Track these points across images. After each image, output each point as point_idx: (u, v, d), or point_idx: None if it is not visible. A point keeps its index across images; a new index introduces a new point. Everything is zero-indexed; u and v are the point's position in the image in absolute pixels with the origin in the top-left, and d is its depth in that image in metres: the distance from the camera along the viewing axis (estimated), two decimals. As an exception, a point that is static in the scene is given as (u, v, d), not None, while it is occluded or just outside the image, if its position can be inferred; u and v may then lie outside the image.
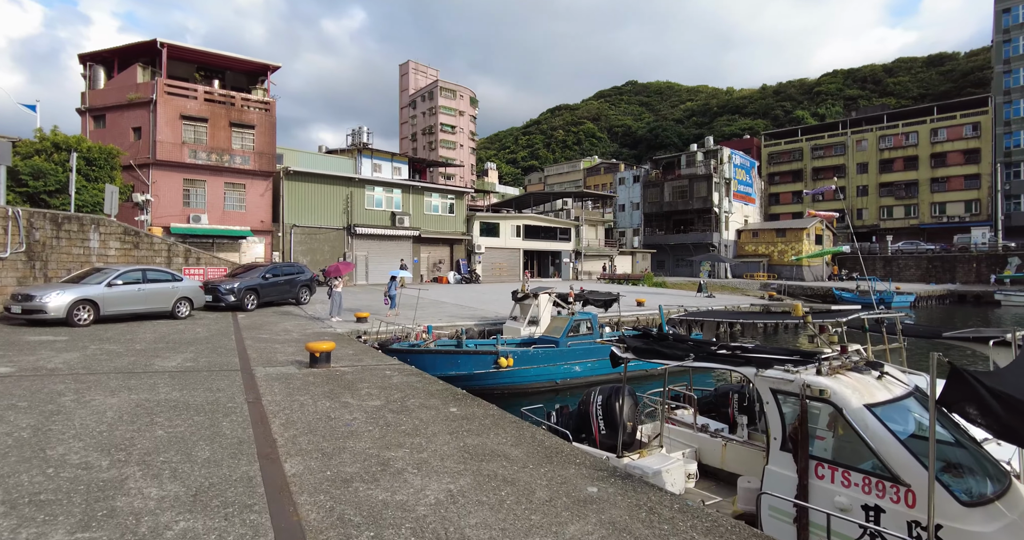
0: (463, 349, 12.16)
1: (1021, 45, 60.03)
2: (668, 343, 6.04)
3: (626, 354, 6.18)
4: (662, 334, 6.77)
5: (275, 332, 13.26)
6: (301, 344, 11.37)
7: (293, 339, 12.16)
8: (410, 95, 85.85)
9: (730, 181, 56.82)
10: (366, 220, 33.60)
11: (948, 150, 63.08)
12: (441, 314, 19.17)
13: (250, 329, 13.61)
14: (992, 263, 49.97)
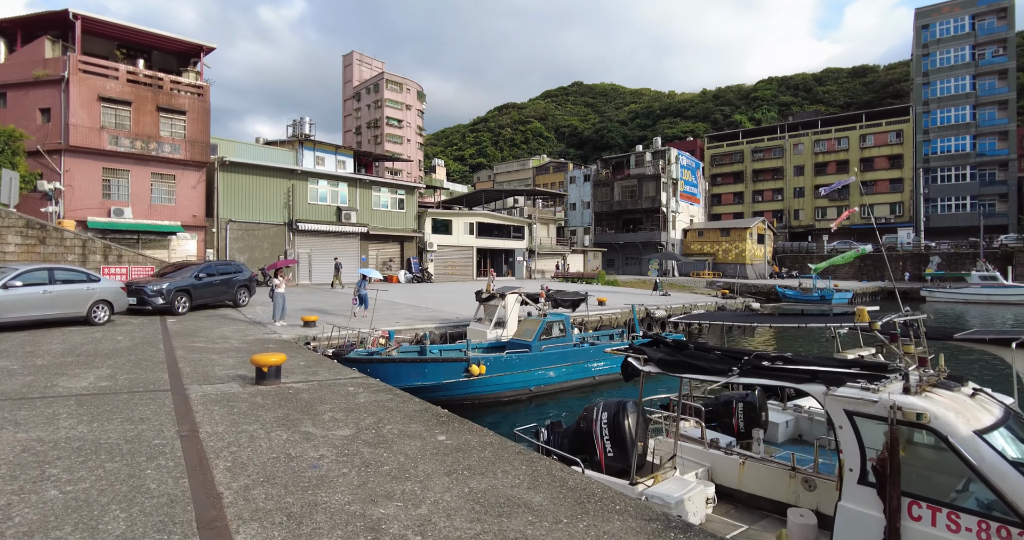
0: (429, 356, 11.02)
1: (938, 59, 64.15)
2: (703, 355, 5.19)
3: (647, 367, 5.28)
4: (681, 342, 5.94)
5: (211, 339, 11.64)
6: (243, 354, 9.90)
7: (233, 348, 10.64)
8: (354, 87, 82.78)
9: (677, 181, 57.79)
10: (309, 215, 31.55)
11: (875, 155, 66.80)
12: (397, 316, 17.84)
13: (182, 336, 11.92)
14: (917, 262, 53.18)
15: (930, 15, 65.03)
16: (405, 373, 10.57)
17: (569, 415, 11.43)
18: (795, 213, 72.55)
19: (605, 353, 13.63)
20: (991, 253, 49.89)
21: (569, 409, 11.80)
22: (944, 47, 63.72)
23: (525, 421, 10.81)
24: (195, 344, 10.89)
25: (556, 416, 11.24)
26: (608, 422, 6.18)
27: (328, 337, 13.54)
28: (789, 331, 22.73)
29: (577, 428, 6.72)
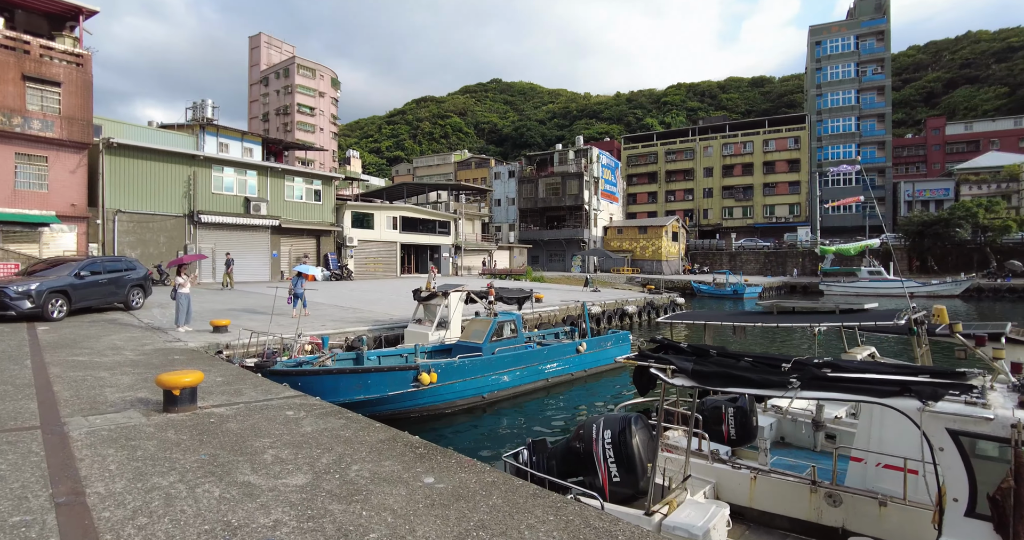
0: (373, 366, 9.65)
1: (829, 73, 69.86)
2: (740, 364, 4.43)
3: (678, 379, 4.43)
4: (699, 348, 5.16)
5: (98, 351, 9.57)
6: (142, 369, 8.07)
7: (128, 361, 8.72)
8: (262, 71, 77.05)
9: (598, 180, 58.74)
10: (214, 206, 28.41)
11: (776, 159, 71.66)
12: (321, 318, 16.10)
13: (59, 348, 9.72)
14: (814, 258, 57.53)
15: (822, 33, 70.65)
16: (344, 386, 9.15)
17: (527, 422, 10.53)
18: (704, 212, 76.40)
19: (557, 354, 12.88)
20: (875, 250, 55.04)
21: (527, 416, 10.91)
22: (834, 63, 69.48)
23: (481, 432, 9.79)
24: (76, 358, 8.83)
25: (513, 424, 10.31)
26: (613, 442, 5.31)
27: (244, 345, 11.72)
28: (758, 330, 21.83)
29: (570, 448, 5.80)
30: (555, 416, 11.01)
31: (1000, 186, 60.26)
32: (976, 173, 63.77)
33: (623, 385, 13.54)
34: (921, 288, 44.02)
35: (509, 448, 9.02)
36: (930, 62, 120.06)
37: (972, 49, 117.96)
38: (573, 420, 10.78)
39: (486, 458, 8.53)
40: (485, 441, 9.45)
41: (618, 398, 12.27)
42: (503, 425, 10.28)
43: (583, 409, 11.43)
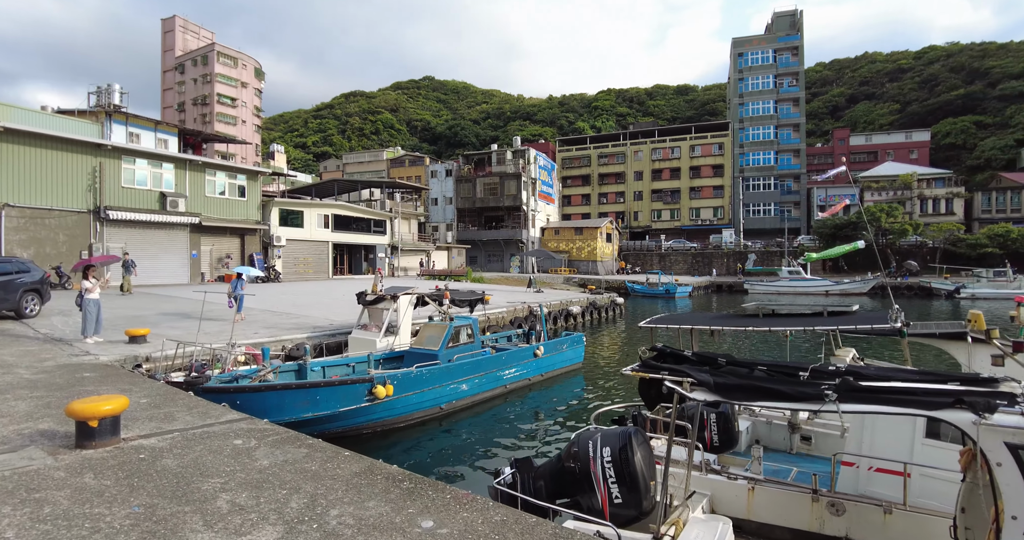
0: (323, 380, 8.69)
1: (750, 84, 73.91)
2: (767, 375, 4.07)
3: (698, 393, 4.02)
4: (705, 356, 4.80)
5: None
6: (43, 392, 6.80)
7: (23, 382, 7.35)
8: (177, 57, 71.55)
9: (536, 181, 58.93)
10: (124, 201, 25.78)
11: (702, 164, 74.89)
12: (254, 324, 14.75)
13: (-72, 367, 8.11)
14: (738, 259, 60.55)
15: (744, 45, 74.64)
16: (290, 403, 8.17)
17: (488, 432, 9.94)
18: (635, 214, 78.67)
19: (515, 359, 12.37)
20: (793, 251, 58.73)
21: (486, 426, 10.32)
22: (754, 74, 73.56)
23: (442, 447, 9.11)
24: (-46, 379, 7.36)
25: (474, 436, 9.70)
26: (613, 459, 4.85)
27: (168, 357, 10.39)
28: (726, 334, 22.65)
29: (562, 468, 5.28)
30: (517, 424, 10.51)
31: (896, 193, 65.93)
32: (877, 181, 69.46)
33: (580, 388, 13.27)
34: (835, 286, 47.23)
35: (475, 463, 8.42)
36: (835, 78, 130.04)
37: (869, 68, 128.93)
38: (537, 428, 10.32)
39: (455, 478, 7.87)
40: (449, 457, 8.79)
41: (578, 402, 11.96)
42: (464, 438, 9.65)
43: (544, 415, 11.00)
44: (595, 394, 12.80)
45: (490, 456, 8.74)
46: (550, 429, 10.21)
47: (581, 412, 11.36)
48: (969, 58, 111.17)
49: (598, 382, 13.99)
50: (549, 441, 9.51)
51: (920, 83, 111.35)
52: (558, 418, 10.95)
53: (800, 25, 73.83)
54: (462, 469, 8.27)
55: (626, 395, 12.42)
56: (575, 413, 11.19)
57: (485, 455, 8.76)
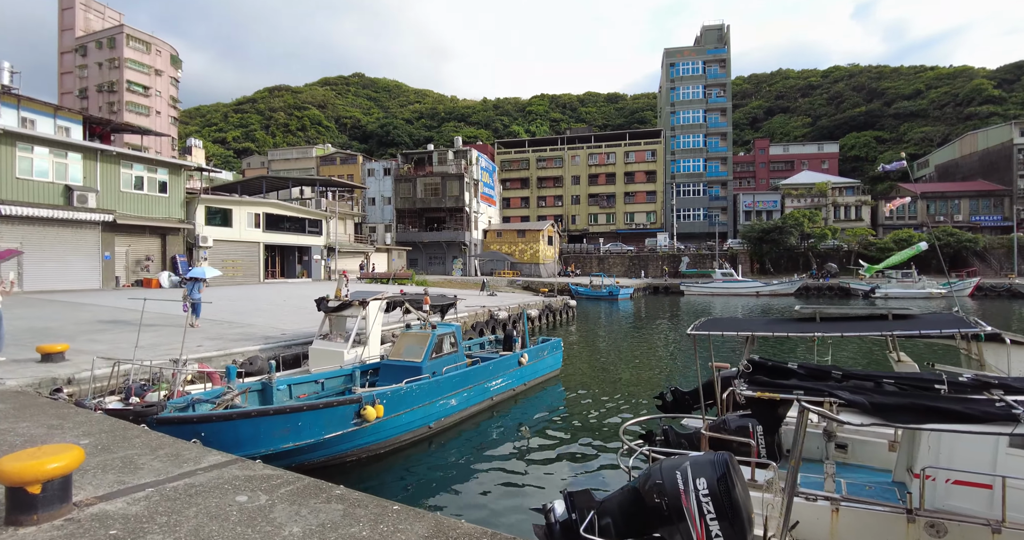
0: (307, 403, 7.33)
1: (681, 93, 76.71)
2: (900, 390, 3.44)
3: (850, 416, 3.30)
4: (815, 368, 4.13)
5: None
6: (-61, 434, 5.17)
7: (-94, 420, 5.62)
8: (78, 38, 64.72)
9: (478, 182, 58.02)
10: (19, 195, 22.46)
11: (636, 170, 76.85)
12: (195, 335, 12.91)
13: None
14: (672, 261, 62.42)
15: (675, 56, 77.35)
16: (267, 432, 6.79)
17: (481, 451, 8.93)
18: (572, 218, 79.53)
19: (501, 368, 11.41)
20: (723, 254, 61.33)
21: (477, 444, 9.31)
22: (685, 84, 76.41)
23: (440, 475, 8.03)
24: None
25: (468, 457, 8.67)
26: (711, 492, 4.08)
27: (97, 378, 8.64)
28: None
29: (637, 502, 4.46)
30: (512, 442, 9.58)
31: (813, 200, 70.46)
32: (796, 188, 73.95)
33: (564, 397, 12.53)
34: (765, 287, 49.54)
35: (484, 491, 7.44)
36: (753, 91, 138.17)
37: (783, 84, 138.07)
38: (531, 444, 9.43)
39: (471, 511, 6.83)
40: (450, 485, 7.70)
41: (570, 414, 11.19)
42: (460, 460, 8.61)
43: (539, 430, 10.13)
44: (583, 404, 12.11)
45: (498, 482, 7.78)
46: (551, 446, 9.38)
47: (577, 424, 10.61)
48: (868, 78, 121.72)
49: (578, 390, 13.31)
50: (555, 460, 8.67)
51: (828, 99, 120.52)
52: (556, 432, 10.14)
53: (727, 38, 77.51)
54: (473, 500, 7.26)
55: (616, 404, 11.83)
56: (571, 426, 10.42)
57: (492, 481, 7.79)
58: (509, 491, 7.51)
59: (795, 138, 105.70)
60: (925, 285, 46.40)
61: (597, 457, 8.80)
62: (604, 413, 11.28)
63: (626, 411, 11.40)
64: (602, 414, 11.21)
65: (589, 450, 9.11)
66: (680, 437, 7.13)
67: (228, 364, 9.30)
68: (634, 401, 12.19)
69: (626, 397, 12.59)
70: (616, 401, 12.22)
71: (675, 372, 15.42)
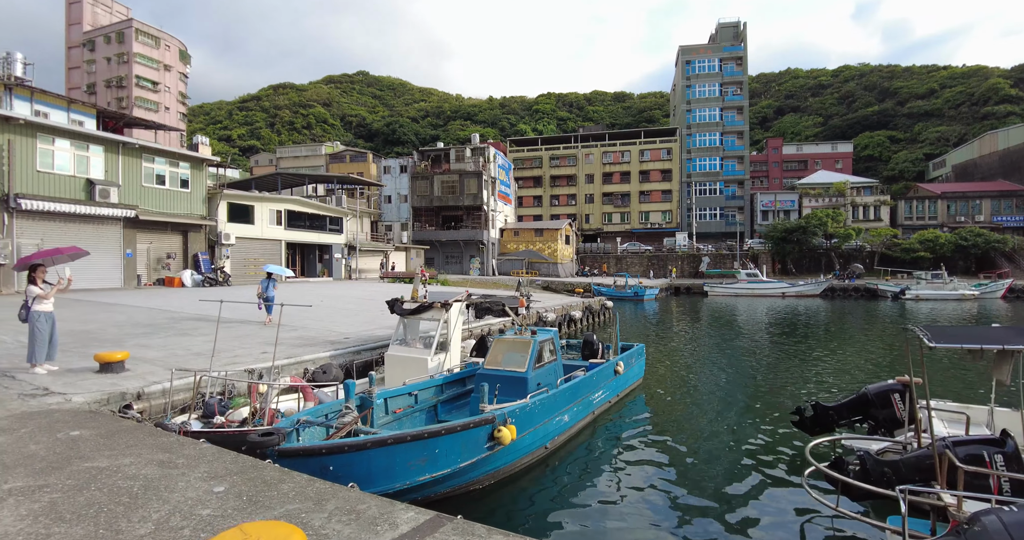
0: (443, 426, 6.08)
1: (697, 91, 75.56)
2: None
3: None
4: None
5: None
6: (27, 483, 4.01)
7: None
8: (86, 32, 63.55)
9: (495, 180, 56.88)
10: (41, 189, 21.30)
11: (651, 169, 75.71)
12: (249, 339, 11.76)
13: None
14: (692, 262, 61.27)
15: (691, 53, 76.17)
16: (402, 462, 5.63)
17: (604, 473, 7.76)
18: (586, 217, 78.38)
19: (602, 379, 10.22)
20: (744, 254, 60.19)
21: (596, 465, 8.12)
22: (701, 81, 75.25)
23: (556, 500, 6.85)
24: None
25: (592, 480, 7.49)
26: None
27: (165, 391, 7.49)
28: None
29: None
30: (625, 459, 8.42)
31: (831, 199, 69.36)
32: (813, 188, 72.85)
33: (653, 407, 11.34)
34: (791, 288, 48.39)
35: (613, 519, 6.27)
36: (763, 90, 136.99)
37: (793, 83, 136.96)
38: (652, 462, 8.26)
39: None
40: (575, 516, 6.56)
41: (679, 427, 10.02)
42: (578, 483, 7.45)
43: (648, 446, 8.97)
44: (682, 415, 10.94)
45: (629, 509, 6.64)
46: (674, 464, 8.23)
47: (692, 439, 9.45)
48: (879, 78, 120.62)
49: (667, 399, 12.16)
50: (688, 481, 7.51)
51: (839, 99, 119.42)
52: (677, 446, 8.99)
53: (743, 36, 76.38)
54: (605, 530, 6.11)
55: (718, 414, 10.64)
56: (688, 441, 9.26)
57: (623, 508, 6.65)
58: (642, 518, 6.39)
59: (806, 138, 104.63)
60: (956, 287, 45.26)
61: (738, 478, 7.67)
62: (712, 425, 10.15)
63: (731, 423, 10.27)
64: (712, 427, 10.07)
65: (720, 468, 7.98)
66: (881, 465, 5.99)
67: (348, 381, 8.11)
68: (736, 411, 11.05)
69: (724, 407, 11.46)
70: (717, 411, 11.08)
71: (762, 379, 14.28)
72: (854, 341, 21.84)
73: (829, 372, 15.20)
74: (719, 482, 7.59)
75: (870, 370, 15.54)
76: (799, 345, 20.82)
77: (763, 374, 15.07)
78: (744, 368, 16.17)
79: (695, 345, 20.91)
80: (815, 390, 12.94)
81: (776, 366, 16.29)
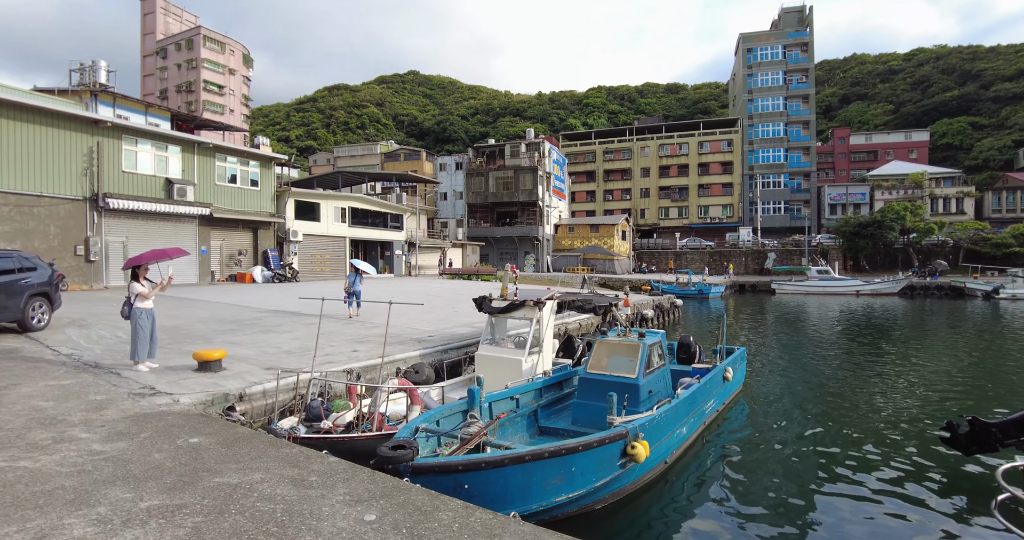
0: (579, 442, 5.30)
1: (759, 79, 72.24)
2: None
3: None
4: None
5: (17, 432, 4.83)
6: (159, 494, 3.62)
7: (100, 461, 4.15)
8: (159, 41, 66.65)
9: (550, 175, 56.09)
10: (125, 188, 22.07)
11: (710, 161, 73.01)
12: (334, 337, 11.53)
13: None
14: (756, 258, 58.62)
15: (752, 41, 72.91)
16: (538, 481, 5.05)
17: (725, 490, 6.96)
18: (642, 212, 76.43)
19: (714, 386, 9.39)
20: (812, 250, 57.08)
21: (718, 481, 7.34)
22: (764, 70, 71.91)
23: (706, 524, 6.10)
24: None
25: (706, 493, 6.73)
26: None
27: (264, 392, 7.21)
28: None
29: None
30: (747, 475, 7.58)
31: (907, 192, 64.95)
32: (886, 179, 68.48)
33: (760, 415, 10.38)
34: (866, 286, 45.47)
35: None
36: (825, 78, 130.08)
37: (860, 69, 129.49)
38: (778, 476, 7.40)
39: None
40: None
41: (770, 431, 9.08)
42: (701, 501, 6.70)
43: (766, 457, 8.10)
44: (787, 423, 9.95)
45: (767, 532, 5.84)
46: (795, 478, 7.36)
47: (810, 450, 8.51)
48: (959, 60, 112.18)
49: (768, 407, 11.16)
50: (825, 501, 6.62)
51: (912, 84, 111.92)
52: (793, 459, 8.09)
53: (809, 20, 72.49)
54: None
55: (839, 425, 9.58)
56: (806, 453, 8.31)
57: (760, 531, 5.86)
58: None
59: (875, 127, 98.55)
60: (1059, 284, 41.30)
61: (880, 498, 6.72)
62: (831, 437, 9.13)
63: (851, 434, 9.22)
64: (831, 438, 9.06)
65: (855, 487, 7.04)
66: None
67: (471, 386, 7.66)
68: (852, 421, 9.96)
69: (836, 415, 10.39)
70: (829, 421, 10.02)
71: (864, 384, 13.01)
72: (957, 345, 19.92)
73: (944, 380, 13.74)
74: (863, 504, 6.67)
75: (1006, 381, 13.98)
76: (895, 347, 19.16)
77: (864, 378, 13.76)
78: (841, 372, 14.87)
79: (778, 346, 19.57)
80: (933, 400, 11.64)
81: (878, 371, 14.90)
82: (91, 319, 12.56)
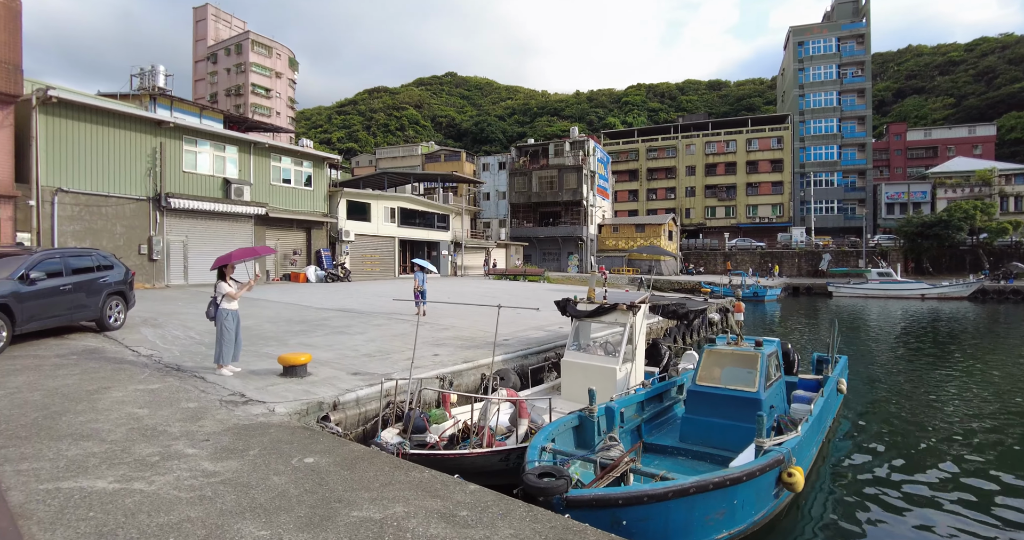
0: (742, 471, 4.57)
1: (811, 74, 69.42)
2: None
3: None
4: None
5: (122, 446, 4.41)
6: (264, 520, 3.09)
7: (218, 489, 3.67)
8: (210, 46, 68.53)
9: (594, 174, 55.08)
10: (185, 188, 22.31)
11: (759, 159, 70.54)
12: (405, 338, 11.07)
13: (14, 441, 4.45)
14: (809, 259, 56.20)
15: (804, 34, 70.13)
16: (700, 516, 4.40)
17: (853, 508, 6.10)
18: (687, 212, 74.44)
19: (832, 399, 8.50)
20: (870, 251, 54.36)
21: (844, 499, 6.49)
22: (816, 64, 69.07)
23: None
24: (64, 483, 3.69)
25: (843, 519, 5.88)
26: None
27: (357, 400, 6.73)
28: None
29: None
30: (887, 496, 6.70)
31: (973, 190, 61.26)
32: (949, 177, 64.80)
33: (854, 428, 9.39)
34: (932, 290, 42.89)
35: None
36: (879, 72, 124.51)
37: (916, 62, 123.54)
38: (917, 500, 6.49)
39: None
40: None
41: (887, 442, 8.09)
42: (839, 528, 5.87)
43: (897, 476, 7.17)
44: (903, 436, 8.93)
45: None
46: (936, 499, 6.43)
47: (941, 468, 7.53)
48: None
49: (876, 418, 10.13)
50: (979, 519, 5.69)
51: (975, 76, 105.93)
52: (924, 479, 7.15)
53: (866, 10, 69.20)
54: None
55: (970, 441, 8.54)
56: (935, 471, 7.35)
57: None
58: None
59: (934, 121, 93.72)
60: None
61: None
62: (956, 449, 8.10)
63: (975, 447, 8.15)
64: (956, 451, 8.04)
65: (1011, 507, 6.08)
66: None
67: (617, 398, 7.04)
68: (973, 433, 8.87)
69: (949, 428, 9.30)
70: (947, 435, 8.95)
71: (963, 393, 11.78)
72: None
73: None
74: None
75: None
76: (983, 355, 17.62)
77: (962, 385, 12.50)
78: (931, 379, 13.61)
79: (859, 353, 18.25)
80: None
81: (969, 377, 13.57)
82: (161, 318, 12.46)
